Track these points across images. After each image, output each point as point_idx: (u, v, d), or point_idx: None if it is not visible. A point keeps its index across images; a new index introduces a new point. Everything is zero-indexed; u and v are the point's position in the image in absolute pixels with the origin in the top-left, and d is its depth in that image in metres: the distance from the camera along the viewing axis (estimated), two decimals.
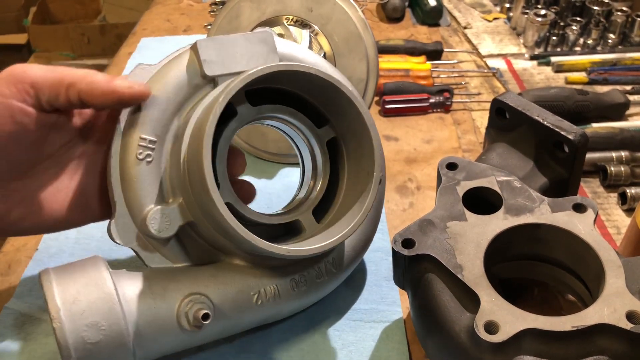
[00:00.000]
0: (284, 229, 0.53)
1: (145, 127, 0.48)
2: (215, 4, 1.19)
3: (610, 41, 1.00)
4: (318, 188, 0.55)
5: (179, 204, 0.48)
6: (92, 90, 0.46)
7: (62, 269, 0.45)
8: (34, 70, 0.45)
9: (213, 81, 0.50)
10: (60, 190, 0.50)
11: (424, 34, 1.07)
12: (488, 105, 0.62)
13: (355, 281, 0.60)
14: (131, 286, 0.46)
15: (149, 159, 0.48)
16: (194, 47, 0.50)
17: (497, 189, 0.51)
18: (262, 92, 0.51)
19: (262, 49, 0.51)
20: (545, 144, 0.56)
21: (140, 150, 0.48)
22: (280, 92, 0.52)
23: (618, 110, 0.83)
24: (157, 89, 0.48)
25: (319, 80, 0.49)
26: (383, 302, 0.58)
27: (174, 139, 0.49)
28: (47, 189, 0.49)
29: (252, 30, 0.72)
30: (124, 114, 0.48)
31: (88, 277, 0.44)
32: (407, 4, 1.14)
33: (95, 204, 0.52)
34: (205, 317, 0.45)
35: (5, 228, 0.49)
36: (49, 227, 0.51)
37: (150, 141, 0.48)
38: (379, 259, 0.63)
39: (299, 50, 0.56)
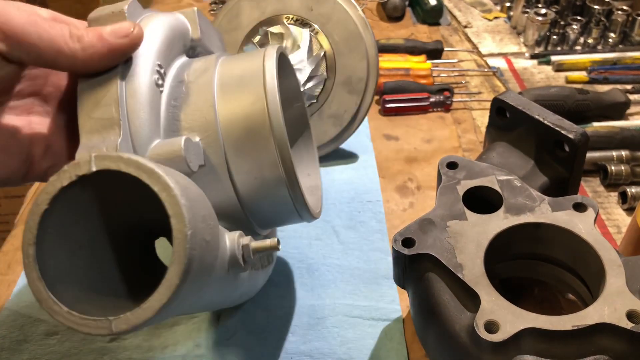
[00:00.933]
0: None
1: (160, 54, 0.44)
2: (215, 2, 1.19)
3: (610, 40, 1.00)
4: None
5: (202, 141, 0.43)
6: (90, 57, 0.39)
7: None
8: (15, 20, 0.36)
9: (192, 50, 0.50)
10: (9, 132, 0.41)
11: (424, 33, 1.07)
12: (488, 105, 0.62)
13: (355, 280, 0.60)
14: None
15: (162, 89, 0.44)
16: (190, 13, 0.49)
17: (497, 188, 0.51)
18: None
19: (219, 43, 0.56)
20: (545, 143, 0.56)
21: (157, 77, 0.43)
22: None
23: (618, 110, 0.83)
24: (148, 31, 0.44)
25: None
26: (382, 300, 0.58)
27: (179, 78, 0.46)
28: None
29: (252, 29, 0.72)
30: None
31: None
32: (407, 3, 1.14)
33: (60, 144, 0.44)
34: (278, 242, 0.41)
35: None
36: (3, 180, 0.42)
37: (165, 71, 0.45)
38: (378, 258, 0.63)
39: None
